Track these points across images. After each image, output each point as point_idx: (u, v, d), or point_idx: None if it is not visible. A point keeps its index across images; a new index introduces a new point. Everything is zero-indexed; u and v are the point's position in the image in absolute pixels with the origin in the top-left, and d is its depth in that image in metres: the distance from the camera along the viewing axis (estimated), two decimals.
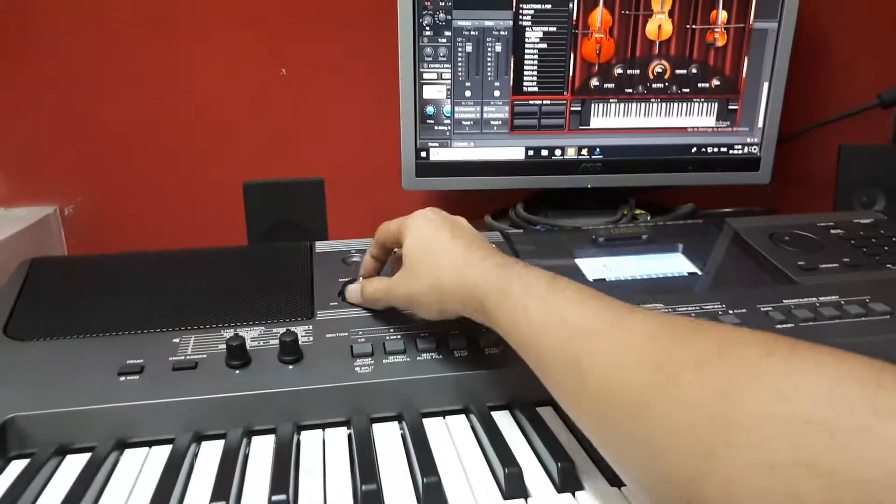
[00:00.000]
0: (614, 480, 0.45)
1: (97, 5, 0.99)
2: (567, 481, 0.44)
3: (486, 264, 0.49)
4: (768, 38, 0.96)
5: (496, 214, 1.05)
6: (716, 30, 0.95)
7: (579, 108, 0.96)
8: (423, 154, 0.95)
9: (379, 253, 0.63)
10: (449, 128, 0.95)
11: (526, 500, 0.43)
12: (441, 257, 0.52)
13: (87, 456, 0.47)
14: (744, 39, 0.96)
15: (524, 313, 0.45)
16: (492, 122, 0.96)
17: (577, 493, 0.44)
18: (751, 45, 0.96)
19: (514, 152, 0.97)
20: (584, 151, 0.98)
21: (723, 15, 0.94)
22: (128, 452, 0.49)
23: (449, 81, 0.93)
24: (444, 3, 0.90)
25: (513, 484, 0.44)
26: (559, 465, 0.44)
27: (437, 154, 0.96)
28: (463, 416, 0.54)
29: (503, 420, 0.53)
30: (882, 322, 0.61)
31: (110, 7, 0.99)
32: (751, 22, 0.95)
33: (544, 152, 0.98)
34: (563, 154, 0.98)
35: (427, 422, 0.53)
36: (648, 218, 0.99)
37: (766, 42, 0.96)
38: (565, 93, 0.96)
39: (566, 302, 0.44)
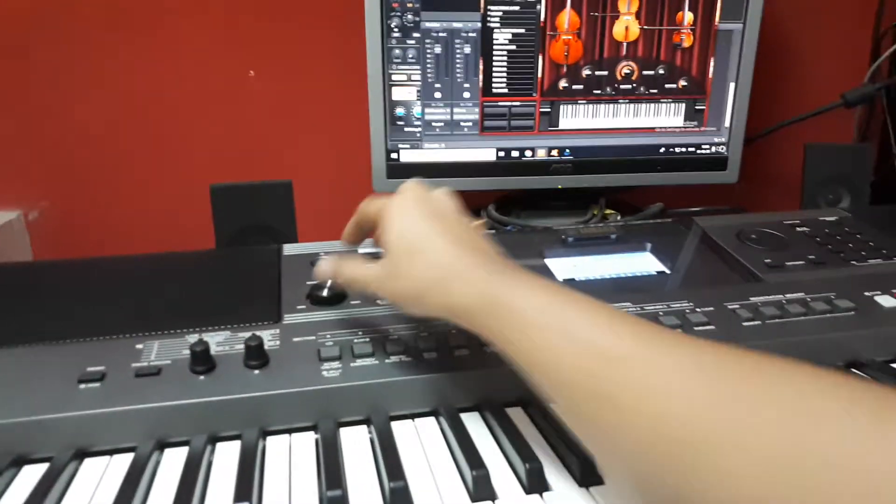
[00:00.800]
0: (583, 481, 0.45)
1: (62, 7, 0.97)
2: (535, 482, 0.44)
3: (477, 274, 0.45)
4: (734, 38, 0.97)
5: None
6: (682, 31, 0.96)
7: (549, 110, 0.97)
8: (394, 155, 0.95)
9: (355, 236, 0.59)
10: (419, 129, 0.95)
11: (493, 502, 0.43)
12: (425, 262, 0.47)
13: (44, 466, 0.46)
14: (710, 40, 0.96)
15: (525, 330, 0.41)
16: (462, 124, 0.96)
17: (544, 494, 0.43)
18: (717, 45, 0.97)
19: (484, 153, 0.97)
20: (555, 152, 0.98)
21: (689, 16, 0.95)
22: (87, 462, 0.48)
23: (418, 83, 0.93)
24: (411, 5, 0.90)
25: (480, 486, 0.43)
26: (527, 466, 0.44)
27: (408, 155, 0.95)
28: (432, 419, 0.54)
29: (472, 422, 0.53)
30: (847, 318, 0.62)
31: (75, 8, 0.97)
32: (716, 23, 0.96)
33: (515, 153, 0.98)
34: (533, 155, 0.98)
35: (396, 425, 0.52)
36: (619, 217, 1.00)
37: (731, 43, 0.97)
38: (534, 94, 0.96)
39: (579, 316, 0.39)
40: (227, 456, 0.49)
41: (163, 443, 0.50)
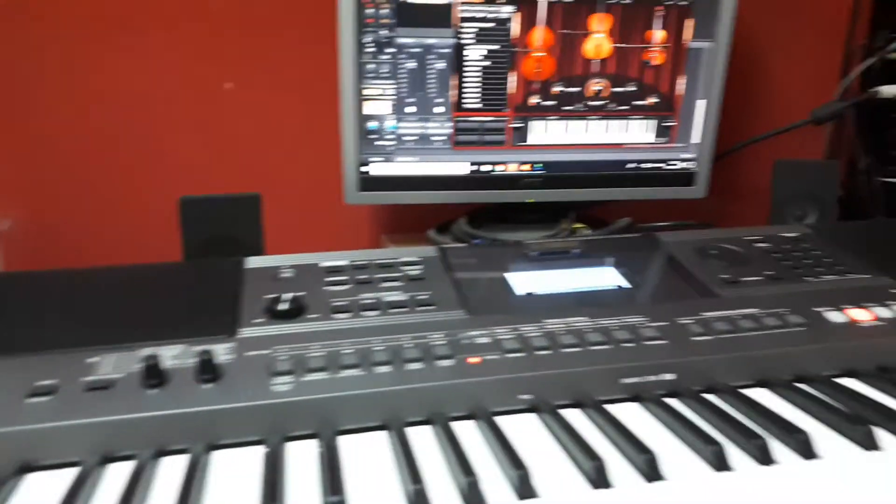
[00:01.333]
0: (522, 494, 0.45)
1: (33, 15, 0.98)
2: (472, 497, 0.44)
3: None
4: (704, 57, 0.98)
5: (440, 228, 1.06)
6: (653, 49, 0.97)
7: (520, 125, 0.98)
8: (365, 168, 0.96)
9: None
10: (392, 143, 0.96)
11: None
12: None
13: None
14: (680, 58, 0.98)
15: None
16: (434, 138, 0.97)
17: None
18: (687, 63, 0.98)
19: (457, 167, 0.98)
20: (526, 167, 1.00)
21: (660, 35, 0.97)
22: (29, 477, 0.48)
23: (391, 97, 0.94)
24: (386, 21, 0.91)
25: (417, 501, 0.44)
26: (465, 480, 0.45)
27: (380, 169, 0.96)
28: (384, 433, 0.54)
29: (421, 436, 0.53)
30: (797, 334, 0.63)
31: (48, 17, 0.98)
32: (687, 41, 0.97)
33: (486, 167, 0.99)
34: (504, 169, 0.99)
35: (345, 439, 0.53)
36: (588, 232, 1.01)
37: (701, 61, 0.98)
38: (506, 109, 0.97)
39: None
40: (172, 470, 0.49)
41: (108, 457, 0.50)
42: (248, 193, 0.81)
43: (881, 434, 0.52)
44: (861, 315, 0.66)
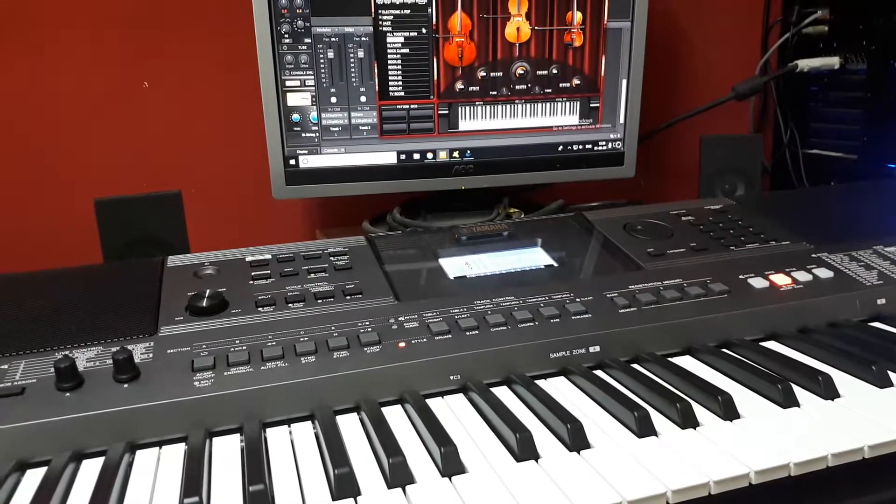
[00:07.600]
0: (445, 472, 0.45)
1: None
2: (398, 477, 0.44)
3: None
4: (623, 36, 0.99)
5: (374, 220, 1.05)
6: (572, 31, 0.98)
7: (447, 112, 0.97)
8: (293, 162, 0.94)
9: None
10: (317, 135, 0.94)
11: (356, 500, 0.43)
12: None
13: None
14: (600, 39, 0.99)
15: None
16: (361, 128, 0.96)
17: (407, 488, 0.43)
18: (607, 44, 0.99)
19: (385, 157, 0.97)
20: (456, 154, 0.99)
21: (578, 16, 0.97)
22: None
23: (313, 88, 0.93)
24: (301, 10, 0.90)
25: (342, 484, 0.43)
26: (390, 461, 0.44)
27: (307, 161, 0.95)
28: (309, 423, 0.53)
29: (348, 423, 0.53)
30: (720, 301, 0.64)
31: None
32: (605, 22, 0.98)
33: (416, 156, 0.98)
34: (434, 157, 0.99)
35: (271, 431, 0.52)
36: (522, 216, 1.01)
37: (621, 41, 1.00)
38: (431, 97, 0.97)
39: None
40: (90, 472, 0.48)
41: (23, 463, 0.48)
42: (166, 192, 0.79)
43: (799, 391, 0.53)
44: (782, 280, 0.67)
